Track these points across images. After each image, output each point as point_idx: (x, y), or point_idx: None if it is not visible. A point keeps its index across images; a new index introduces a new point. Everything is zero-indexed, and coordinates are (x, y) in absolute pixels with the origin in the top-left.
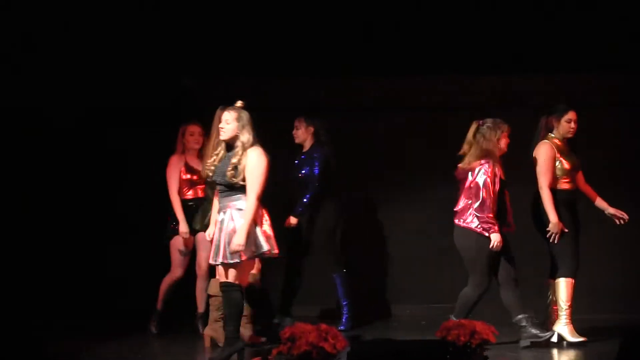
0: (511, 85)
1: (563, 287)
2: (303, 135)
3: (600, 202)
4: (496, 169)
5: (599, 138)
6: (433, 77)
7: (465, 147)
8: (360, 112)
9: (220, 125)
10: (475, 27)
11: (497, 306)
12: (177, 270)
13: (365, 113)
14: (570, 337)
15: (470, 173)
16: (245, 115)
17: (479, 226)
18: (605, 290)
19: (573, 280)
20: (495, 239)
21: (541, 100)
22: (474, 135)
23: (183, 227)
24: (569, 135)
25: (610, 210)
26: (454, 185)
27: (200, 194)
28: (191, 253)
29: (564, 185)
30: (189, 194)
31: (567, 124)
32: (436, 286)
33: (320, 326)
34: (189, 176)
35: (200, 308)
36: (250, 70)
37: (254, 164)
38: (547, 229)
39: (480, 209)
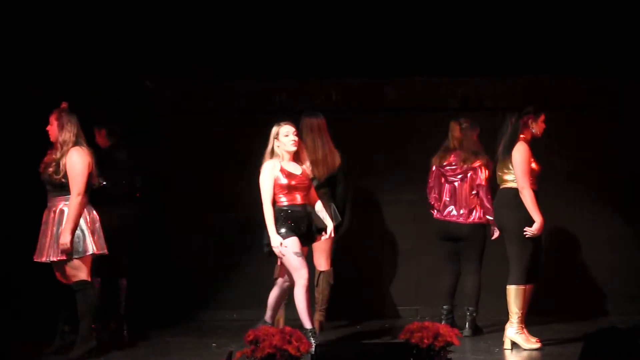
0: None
1: (514, 294)
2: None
3: None
4: None
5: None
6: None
7: (454, 142)
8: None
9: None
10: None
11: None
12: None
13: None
14: (526, 344)
15: (471, 171)
16: (65, 116)
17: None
18: (571, 292)
19: (525, 287)
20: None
21: (495, 103)
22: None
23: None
24: (538, 136)
25: None
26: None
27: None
28: None
29: (531, 186)
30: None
31: (542, 124)
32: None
33: (284, 329)
34: (293, 182)
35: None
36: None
37: (72, 163)
38: (527, 230)
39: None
